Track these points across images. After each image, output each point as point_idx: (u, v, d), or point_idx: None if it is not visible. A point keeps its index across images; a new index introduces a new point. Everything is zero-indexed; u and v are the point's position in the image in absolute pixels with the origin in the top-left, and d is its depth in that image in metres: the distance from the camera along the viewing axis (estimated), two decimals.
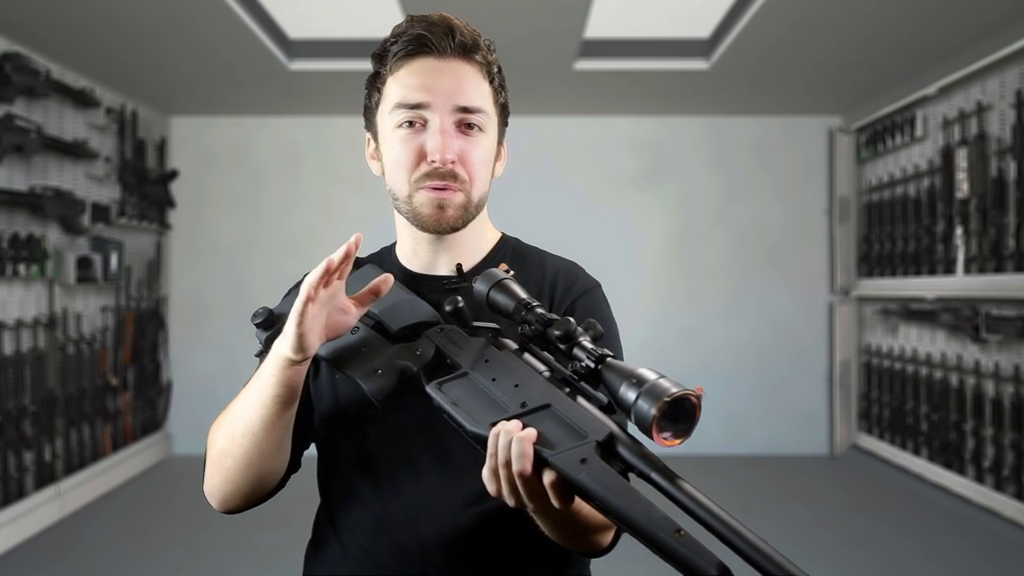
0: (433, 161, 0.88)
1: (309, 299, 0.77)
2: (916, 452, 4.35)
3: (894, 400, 4.58)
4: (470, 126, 0.91)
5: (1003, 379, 3.64)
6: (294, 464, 0.98)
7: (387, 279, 0.82)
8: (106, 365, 4.29)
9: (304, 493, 1.02)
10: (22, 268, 3.53)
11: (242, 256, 5.14)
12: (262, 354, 0.92)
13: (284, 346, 0.79)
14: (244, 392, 0.88)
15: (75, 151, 3.93)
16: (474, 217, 0.95)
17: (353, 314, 0.83)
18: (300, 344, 0.78)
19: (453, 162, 0.89)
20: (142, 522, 3.75)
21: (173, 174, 4.91)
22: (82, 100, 4.00)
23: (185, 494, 4.14)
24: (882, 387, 4.73)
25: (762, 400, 5.12)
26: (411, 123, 0.90)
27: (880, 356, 4.76)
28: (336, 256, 0.77)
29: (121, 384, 4.44)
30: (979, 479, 3.79)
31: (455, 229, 0.93)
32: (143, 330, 4.67)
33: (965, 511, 3.76)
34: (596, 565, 1.00)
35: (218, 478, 0.90)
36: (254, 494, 0.92)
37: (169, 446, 5.02)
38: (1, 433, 3.41)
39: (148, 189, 4.69)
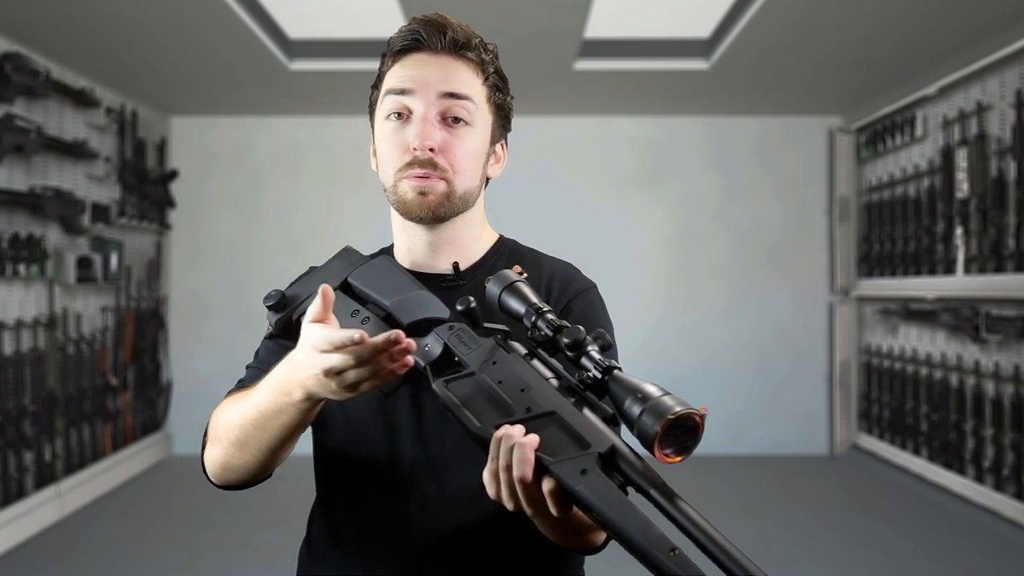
0: (414, 149, 0.90)
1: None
2: (916, 452, 4.35)
3: (894, 400, 4.58)
4: (456, 120, 0.92)
5: (1003, 379, 3.64)
6: None
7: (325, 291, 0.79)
8: (106, 365, 4.29)
9: (304, 493, 1.03)
10: (22, 268, 3.53)
11: (242, 256, 5.14)
12: (272, 337, 0.94)
13: (319, 392, 0.76)
14: (254, 414, 0.84)
15: (75, 151, 3.93)
16: (460, 209, 0.95)
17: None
18: (344, 399, 0.76)
19: (432, 150, 0.90)
20: (142, 522, 3.75)
21: (173, 174, 4.91)
22: (82, 100, 4.00)
23: (185, 494, 4.14)
24: (882, 387, 4.73)
25: (762, 400, 5.12)
26: (399, 115, 0.92)
27: (880, 356, 4.76)
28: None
29: (121, 384, 4.44)
30: (979, 479, 3.79)
31: (438, 217, 0.93)
32: (143, 330, 4.67)
33: (965, 511, 3.76)
34: (591, 566, 1.00)
35: (231, 468, 0.90)
36: (261, 476, 0.92)
37: (169, 446, 5.02)
38: (1, 433, 3.41)
39: (148, 189, 4.69)
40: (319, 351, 0.73)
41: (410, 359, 0.73)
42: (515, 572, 0.91)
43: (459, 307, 0.79)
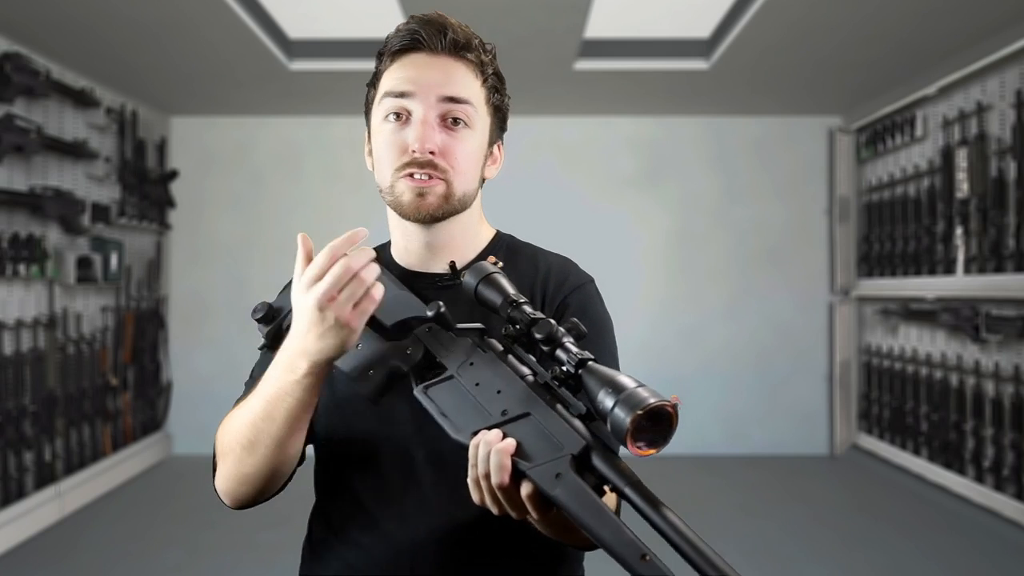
0: (413, 151, 0.89)
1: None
2: (916, 452, 4.35)
3: (894, 400, 4.58)
4: (456, 121, 0.91)
5: (1003, 379, 3.64)
6: (302, 457, 0.97)
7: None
8: (106, 365, 4.29)
9: (304, 493, 1.03)
10: (22, 268, 3.53)
11: (242, 256, 5.14)
12: (265, 348, 0.93)
13: (323, 346, 0.76)
14: (261, 404, 0.83)
15: (75, 151, 3.93)
16: (458, 210, 0.94)
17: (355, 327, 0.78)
18: (347, 339, 0.75)
19: (432, 152, 0.90)
20: (142, 522, 3.75)
21: (173, 174, 4.91)
22: (82, 100, 4.00)
23: (185, 494, 4.15)
24: (882, 387, 4.73)
25: (762, 400, 5.12)
26: (397, 115, 0.91)
27: (880, 356, 4.76)
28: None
29: (121, 384, 4.44)
30: (979, 479, 3.79)
31: (436, 218, 0.93)
32: (143, 330, 4.67)
33: (965, 511, 3.76)
34: (590, 564, 1.00)
35: (244, 479, 0.89)
36: (272, 486, 0.92)
37: (169, 446, 5.02)
38: (1, 433, 3.41)
39: (148, 189, 4.69)
40: (308, 287, 0.75)
41: (375, 267, 0.76)
42: (513, 570, 0.91)
43: (429, 313, 0.79)
